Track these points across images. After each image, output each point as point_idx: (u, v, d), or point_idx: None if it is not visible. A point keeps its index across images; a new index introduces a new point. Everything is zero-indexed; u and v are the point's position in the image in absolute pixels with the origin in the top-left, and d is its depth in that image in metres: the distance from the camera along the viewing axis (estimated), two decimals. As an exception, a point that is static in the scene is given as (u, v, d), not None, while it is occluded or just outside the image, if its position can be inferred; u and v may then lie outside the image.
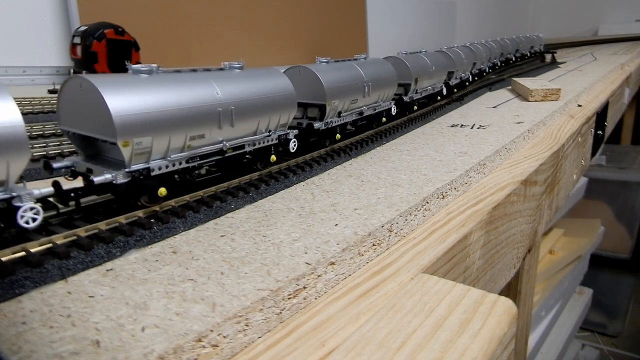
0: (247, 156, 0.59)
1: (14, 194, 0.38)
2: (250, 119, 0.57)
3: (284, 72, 0.68)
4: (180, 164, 0.50)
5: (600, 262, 2.44)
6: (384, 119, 0.88)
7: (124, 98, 0.43)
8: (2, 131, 0.35)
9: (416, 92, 1.03)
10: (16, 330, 0.31)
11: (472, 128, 0.93)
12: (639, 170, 2.53)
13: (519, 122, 0.95)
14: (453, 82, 1.28)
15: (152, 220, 0.46)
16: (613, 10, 4.51)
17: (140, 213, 0.47)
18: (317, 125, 0.70)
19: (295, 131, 0.65)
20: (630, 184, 2.49)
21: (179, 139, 0.48)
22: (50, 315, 0.32)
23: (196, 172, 0.53)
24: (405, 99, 0.98)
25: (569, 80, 1.62)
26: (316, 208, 0.52)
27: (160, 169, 0.48)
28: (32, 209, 0.38)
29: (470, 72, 1.46)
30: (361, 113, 0.81)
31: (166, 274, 0.38)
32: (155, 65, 0.49)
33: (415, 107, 1.03)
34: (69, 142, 0.58)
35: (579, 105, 1.18)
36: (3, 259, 0.37)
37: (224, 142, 0.54)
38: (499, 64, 1.88)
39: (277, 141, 0.62)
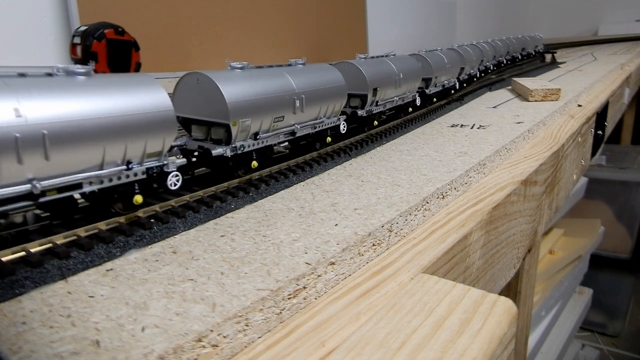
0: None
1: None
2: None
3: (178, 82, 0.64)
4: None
5: (600, 262, 2.44)
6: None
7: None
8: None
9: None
10: (16, 330, 0.31)
11: (472, 128, 0.93)
12: (639, 170, 2.53)
13: (519, 122, 0.95)
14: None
15: (152, 220, 0.46)
16: (613, 10, 4.51)
17: (140, 213, 0.47)
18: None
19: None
20: (630, 184, 2.49)
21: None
22: (50, 315, 0.32)
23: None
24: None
25: (569, 80, 1.62)
26: (316, 208, 0.52)
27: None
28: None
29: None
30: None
31: (166, 274, 0.38)
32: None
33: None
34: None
35: (579, 105, 1.18)
36: (3, 259, 0.37)
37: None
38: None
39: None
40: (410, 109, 0.99)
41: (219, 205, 0.52)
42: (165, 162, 0.48)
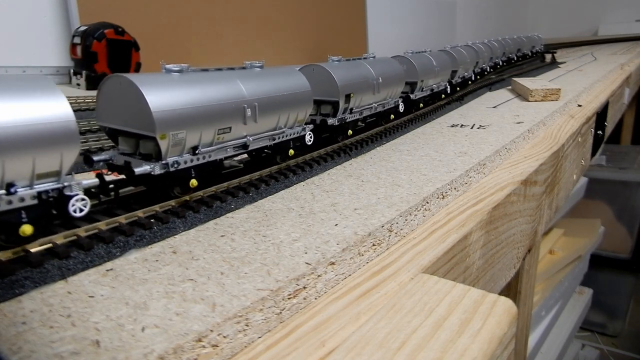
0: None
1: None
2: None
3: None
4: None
5: (600, 262, 2.44)
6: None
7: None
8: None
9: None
10: (16, 330, 0.31)
11: (472, 128, 0.93)
12: (639, 170, 2.53)
13: (519, 122, 0.95)
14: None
15: (152, 220, 0.46)
16: (613, 10, 4.51)
17: (140, 213, 0.47)
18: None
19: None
20: (630, 184, 2.49)
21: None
22: (50, 315, 0.32)
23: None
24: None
25: (569, 80, 1.62)
26: (316, 208, 0.52)
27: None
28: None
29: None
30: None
31: (166, 274, 0.38)
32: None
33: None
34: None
35: (579, 105, 1.18)
36: (3, 259, 0.37)
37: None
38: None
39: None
40: (392, 116, 0.91)
41: (219, 205, 0.52)
42: (65, 184, 0.40)
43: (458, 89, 1.33)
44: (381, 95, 0.85)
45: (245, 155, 0.62)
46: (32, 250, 0.39)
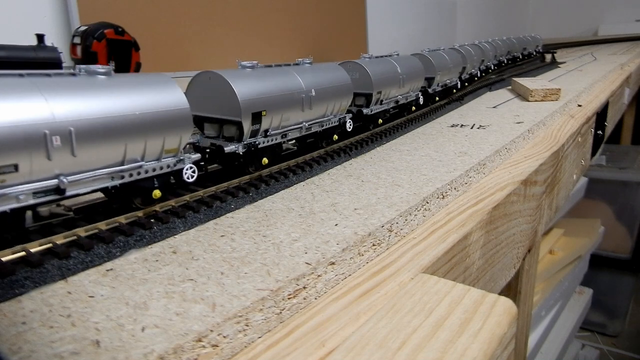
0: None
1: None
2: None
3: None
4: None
5: (600, 262, 2.44)
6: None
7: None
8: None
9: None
10: (16, 330, 0.31)
11: (472, 128, 0.93)
12: (639, 170, 2.52)
13: (519, 122, 0.95)
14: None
15: (152, 220, 0.46)
16: (613, 10, 4.51)
17: (140, 213, 0.47)
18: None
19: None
20: (630, 184, 2.49)
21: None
22: (50, 315, 0.32)
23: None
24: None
25: (569, 80, 1.62)
26: (316, 208, 0.52)
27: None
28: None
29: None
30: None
31: (166, 274, 0.38)
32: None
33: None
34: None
35: (579, 105, 1.18)
36: (3, 259, 0.37)
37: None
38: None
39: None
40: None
41: (219, 205, 0.52)
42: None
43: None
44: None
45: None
46: (32, 250, 0.39)
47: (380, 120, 0.88)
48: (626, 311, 2.58)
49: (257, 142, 0.60)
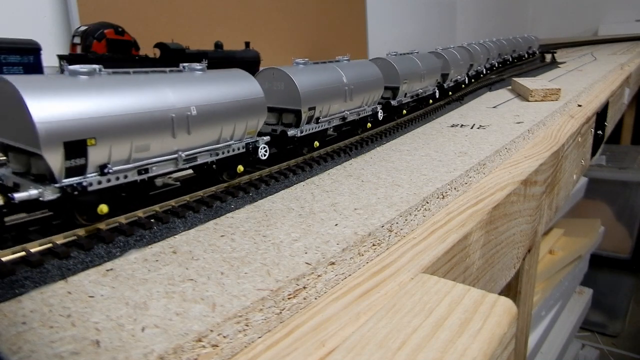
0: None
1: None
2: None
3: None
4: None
5: (600, 262, 2.44)
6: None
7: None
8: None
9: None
10: (16, 330, 0.31)
11: (472, 128, 0.93)
12: (639, 170, 2.52)
13: (519, 122, 0.95)
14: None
15: (152, 220, 0.46)
16: (613, 10, 4.51)
17: (140, 213, 0.47)
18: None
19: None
20: (630, 184, 2.48)
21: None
22: (50, 315, 0.32)
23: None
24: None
25: (569, 80, 1.62)
26: (316, 208, 0.52)
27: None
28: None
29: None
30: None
31: (166, 274, 0.38)
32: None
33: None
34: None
35: (579, 105, 1.18)
36: (3, 259, 0.37)
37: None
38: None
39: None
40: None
41: (219, 205, 0.52)
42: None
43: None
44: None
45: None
46: (32, 250, 0.39)
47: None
48: (626, 311, 2.58)
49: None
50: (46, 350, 0.29)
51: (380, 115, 0.86)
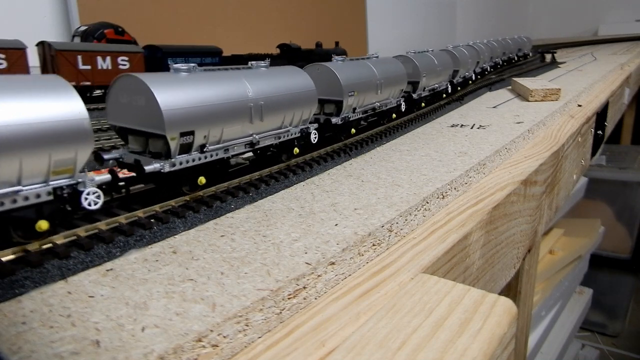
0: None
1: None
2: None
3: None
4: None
5: (600, 262, 2.44)
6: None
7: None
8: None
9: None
10: (16, 330, 0.31)
11: (472, 128, 0.93)
12: (639, 170, 2.52)
13: (519, 122, 0.95)
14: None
15: (152, 220, 0.46)
16: (613, 10, 4.51)
17: (140, 213, 0.47)
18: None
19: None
20: (630, 184, 2.48)
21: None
22: (50, 315, 0.32)
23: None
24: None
25: (569, 80, 1.62)
26: (316, 208, 0.52)
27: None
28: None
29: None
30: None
31: (166, 274, 0.38)
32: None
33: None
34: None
35: (579, 105, 1.18)
36: (3, 259, 0.37)
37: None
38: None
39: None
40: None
41: (219, 205, 0.52)
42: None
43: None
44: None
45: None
46: (32, 250, 0.39)
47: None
48: (626, 311, 2.58)
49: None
50: (46, 350, 0.29)
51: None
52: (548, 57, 2.37)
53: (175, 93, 0.48)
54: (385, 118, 0.91)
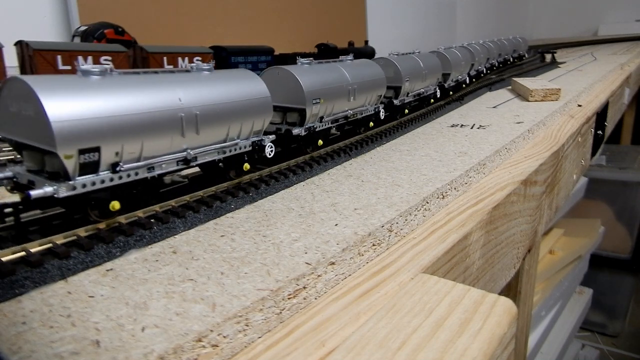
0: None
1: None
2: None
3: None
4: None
5: (600, 262, 2.44)
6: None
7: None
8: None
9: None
10: (16, 330, 0.31)
11: (472, 128, 0.93)
12: (639, 170, 2.52)
13: (519, 122, 0.95)
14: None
15: (152, 220, 0.46)
16: (613, 10, 4.51)
17: (140, 213, 0.47)
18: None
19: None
20: (630, 184, 2.48)
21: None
22: (50, 315, 0.32)
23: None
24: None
25: (569, 80, 1.62)
26: (316, 208, 0.52)
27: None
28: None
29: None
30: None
31: (166, 274, 0.38)
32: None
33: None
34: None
35: (579, 105, 1.18)
36: (3, 259, 0.37)
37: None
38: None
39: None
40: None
41: (219, 205, 0.52)
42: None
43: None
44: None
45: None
46: (32, 250, 0.39)
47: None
48: (626, 311, 2.58)
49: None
50: (46, 350, 0.29)
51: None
52: (548, 57, 2.37)
53: (73, 101, 0.39)
54: (362, 127, 0.82)
